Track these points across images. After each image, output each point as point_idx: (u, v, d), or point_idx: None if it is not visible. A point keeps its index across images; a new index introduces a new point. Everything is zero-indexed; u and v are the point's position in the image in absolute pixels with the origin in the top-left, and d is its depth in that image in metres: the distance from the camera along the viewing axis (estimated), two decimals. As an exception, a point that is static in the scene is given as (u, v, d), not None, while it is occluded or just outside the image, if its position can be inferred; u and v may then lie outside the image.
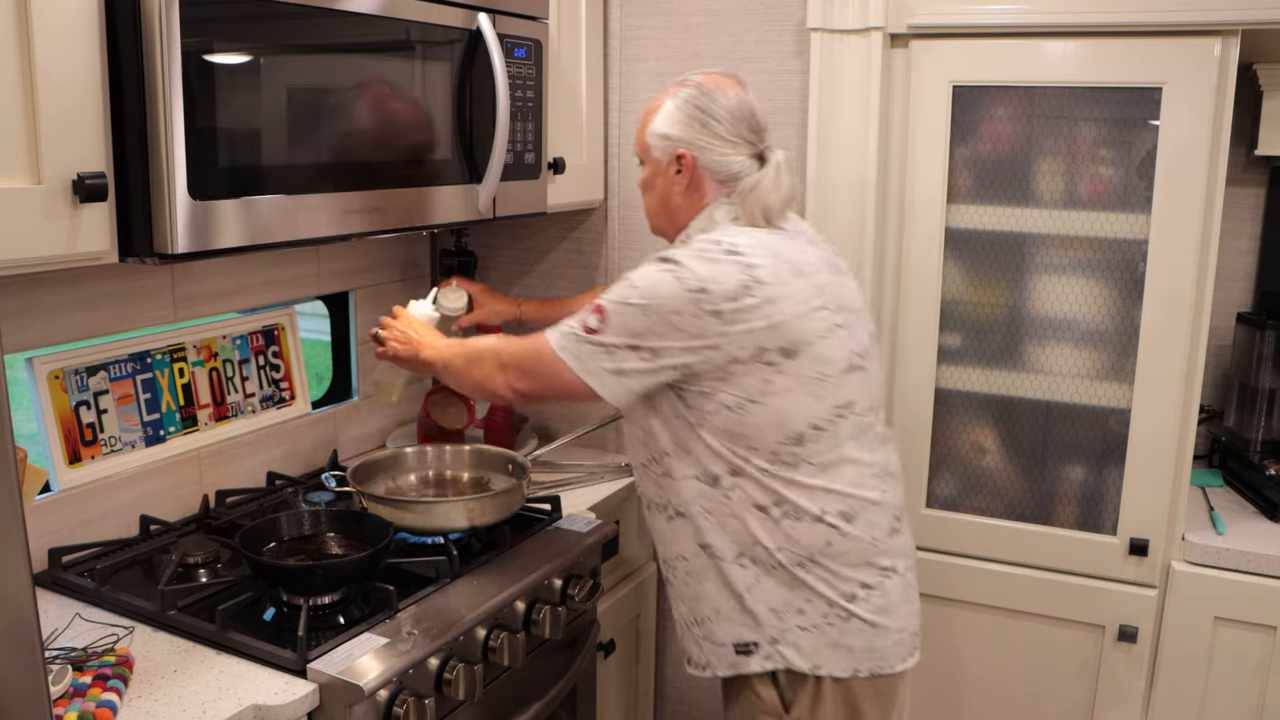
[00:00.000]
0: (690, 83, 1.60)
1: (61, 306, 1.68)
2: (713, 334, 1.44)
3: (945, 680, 2.18)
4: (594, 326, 1.48)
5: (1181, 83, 1.83)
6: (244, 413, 2.02)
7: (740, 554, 1.53)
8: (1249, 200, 2.26)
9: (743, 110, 1.58)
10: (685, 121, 1.58)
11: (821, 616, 1.52)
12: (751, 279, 1.45)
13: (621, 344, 1.47)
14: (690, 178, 1.59)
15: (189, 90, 1.31)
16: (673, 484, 1.57)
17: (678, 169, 1.59)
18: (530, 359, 1.55)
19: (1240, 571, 1.90)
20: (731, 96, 1.58)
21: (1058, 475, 2.05)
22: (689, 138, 1.58)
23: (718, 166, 1.58)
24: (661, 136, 1.60)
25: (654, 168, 1.63)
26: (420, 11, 1.68)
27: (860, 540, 1.52)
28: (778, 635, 1.53)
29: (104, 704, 1.25)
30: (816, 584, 1.51)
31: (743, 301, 1.44)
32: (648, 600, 2.34)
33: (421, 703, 1.41)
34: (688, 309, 1.44)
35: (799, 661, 1.53)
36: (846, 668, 1.53)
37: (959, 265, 2.06)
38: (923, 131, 2.02)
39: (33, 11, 1.20)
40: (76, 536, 1.72)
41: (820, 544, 1.51)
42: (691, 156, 1.58)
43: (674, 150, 1.59)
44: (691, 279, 1.44)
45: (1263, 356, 2.16)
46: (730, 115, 1.57)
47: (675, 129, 1.58)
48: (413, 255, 2.43)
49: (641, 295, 1.46)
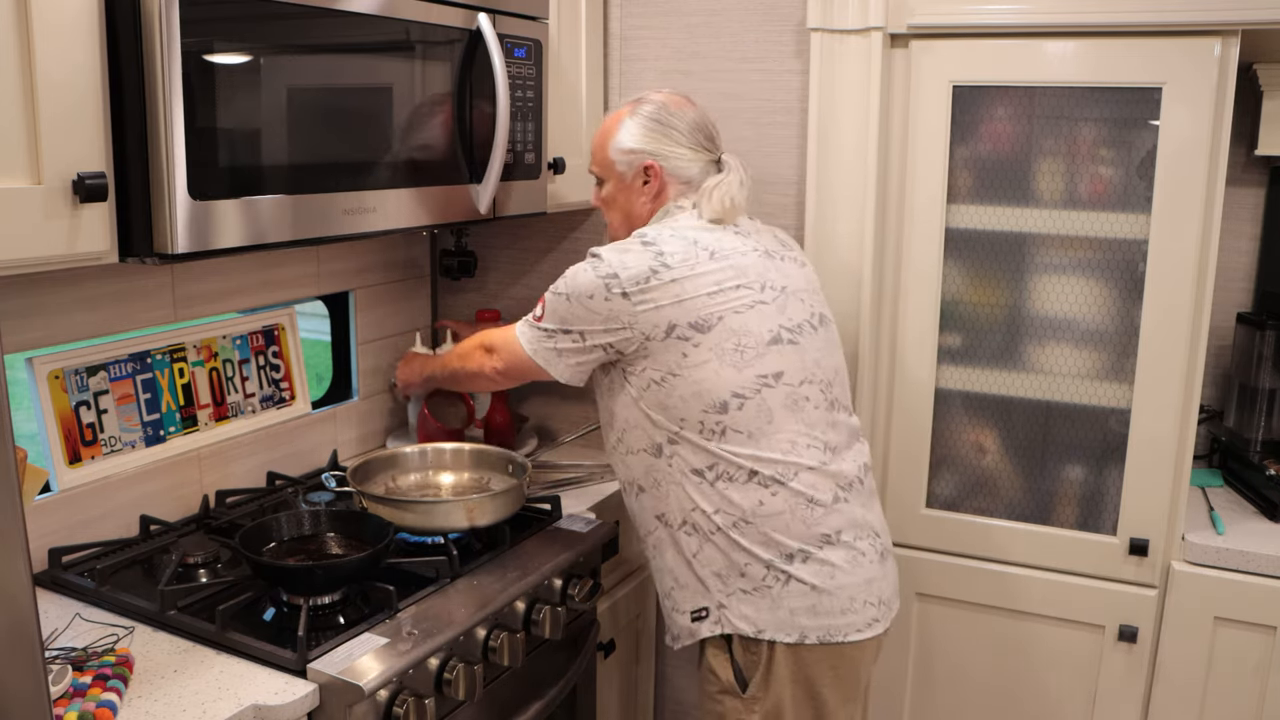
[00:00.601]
0: (647, 100, 1.73)
1: (61, 306, 1.68)
2: (624, 315, 1.58)
3: (945, 680, 2.18)
4: (538, 315, 1.66)
5: (1181, 83, 1.83)
6: (244, 413, 2.02)
7: (684, 521, 1.62)
8: (1249, 200, 2.26)
9: (699, 122, 1.73)
10: (649, 135, 1.71)
11: (760, 579, 1.58)
12: (659, 264, 1.58)
13: (556, 328, 1.63)
14: (658, 185, 1.72)
15: (189, 90, 1.31)
16: (632, 459, 1.67)
17: (645, 179, 1.72)
18: (502, 342, 1.73)
19: (1240, 571, 1.90)
20: (688, 111, 1.73)
21: (1058, 475, 2.05)
22: (654, 149, 1.71)
23: (680, 172, 1.71)
24: (627, 151, 1.71)
25: (617, 183, 1.74)
26: (420, 11, 1.68)
27: (794, 503, 1.58)
28: (723, 600, 1.60)
29: (104, 704, 1.25)
30: (752, 546, 1.58)
31: (649, 284, 1.57)
32: (648, 600, 2.34)
33: (421, 703, 1.41)
34: (600, 294, 1.58)
35: (744, 626, 1.59)
36: (792, 632, 1.58)
37: (959, 265, 2.06)
38: (923, 131, 2.02)
39: (33, 11, 1.20)
40: (76, 536, 1.72)
41: (753, 504, 1.57)
42: (659, 166, 1.70)
43: (641, 162, 1.71)
44: (604, 268, 1.58)
45: (1263, 356, 2.16)
46: (689, 126, 1.72)
47: (641, 142, 1.71)
48: (413, 255, 2.43)
49: (566, 286, 1.62)
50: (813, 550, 1.58)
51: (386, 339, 2.38)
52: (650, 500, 1.67)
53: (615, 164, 1.73)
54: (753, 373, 1.58)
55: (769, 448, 1.58)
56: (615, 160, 1.73)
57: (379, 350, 2.36)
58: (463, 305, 2.52)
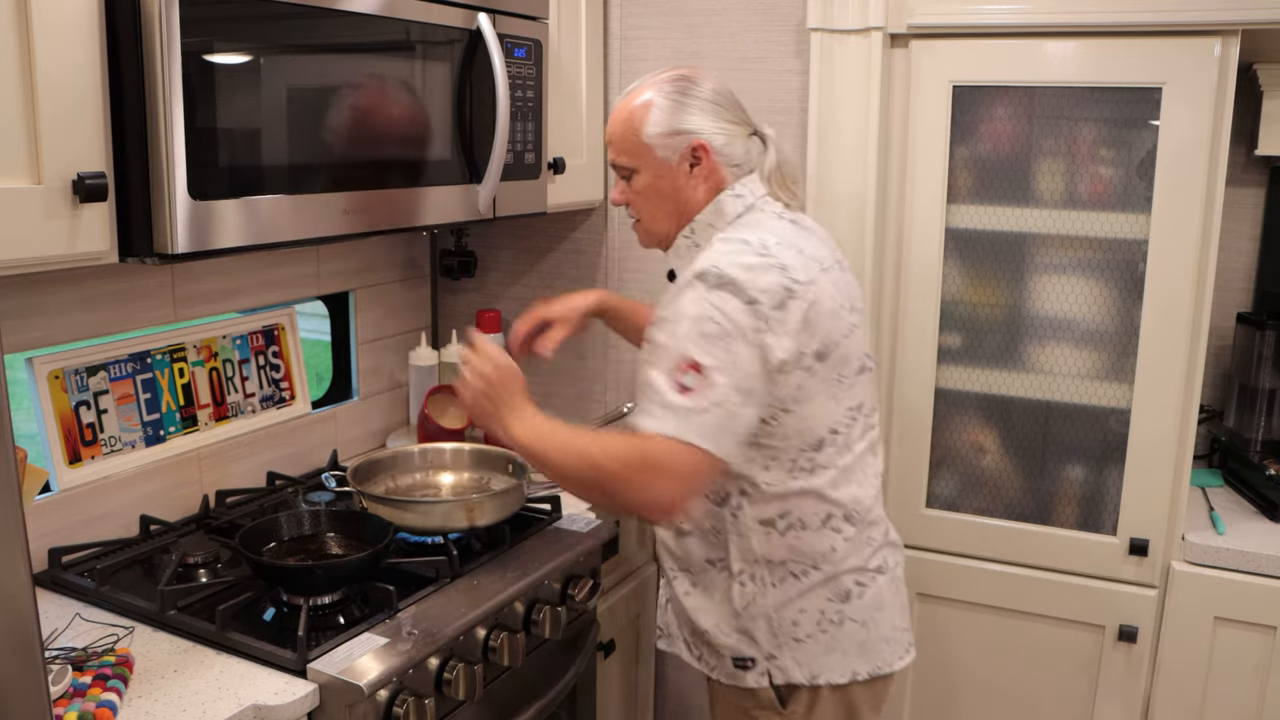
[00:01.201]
0: (671, 77, 1.53)
1: (61, 306, 1.68)
2: (769, 347, 1.36)
3: (945, 680, 2.18)
4: (687, 384, 1.33)
5: (1181, 83, 1.83)
6: (244, 413, 2.02)
7: (742, 570, 1.51)
8: (1249, 200, 2.26)
9: (729, 92, 1.55)
10: (689, 111, 1.50)
11: (815, 625, 1.51)
12: (788, 279, 1.39)
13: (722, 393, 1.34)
14: (709, 167, 1.51)
15: (189, 90, 1.31)
16: None
17: (693, 162, 1.51)
18: (665, 451, 1.33)
19: (1240, 571, 1.90)
20: (715, 80, 1.54)
21: (1058, 475, 2.05)
22: (698, 126, 1.50)
23: (729, 151, 1.52)
24: (669, 133, 1.50)
25: (658, 169, 1.53)
26: (420, 11, 1.68)
27: (859, 541, 1.52)
28: (773, 650, 1.52)
29: (104, 704, 1.25)
30: (814, 590, 1.50)
31: (785, 307, 1.37)
32: (648, 600, 2.34)
33: (421, 703, 1.41)
34: (749, 325, 1.35)
35: (796, 674, 1.51)
36: (845, 672, 1.52)
37: (959, 265, 2.06)
38: (923, 131, 2.02)
39: (33, 11, 1.20)
40: (76, 536, 1.72)
41: (825, 549, 1.49)
42: (709, 145, 1.50)
43: (689, 143, 1.50)
44: (743, 290, 1.36)
45: (1263, 356, 2.16)
46: (725, 99, 1.53)
47: (683, 121, 1.50)
48: (413, 255, 2.43)
49: (714, 325, 1.35)
50: (867, 584, 1.52)
51: (386, 339, 2.38)
52: (701, 545, 1.55)
53: (654, 149, 1.51)
54: (846, 405, 1.47)
55: (847, 484, 1.49)
56: (654, 145, 1.51)
57: (379, 350, 2.36)
58: (463, 305, 2.52)
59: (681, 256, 1.56)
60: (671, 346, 1.37)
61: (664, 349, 1.38)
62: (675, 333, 1.37)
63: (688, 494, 1.37)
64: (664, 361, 1.37)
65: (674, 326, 1.38)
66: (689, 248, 1.55)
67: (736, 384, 1.34)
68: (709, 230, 1.53)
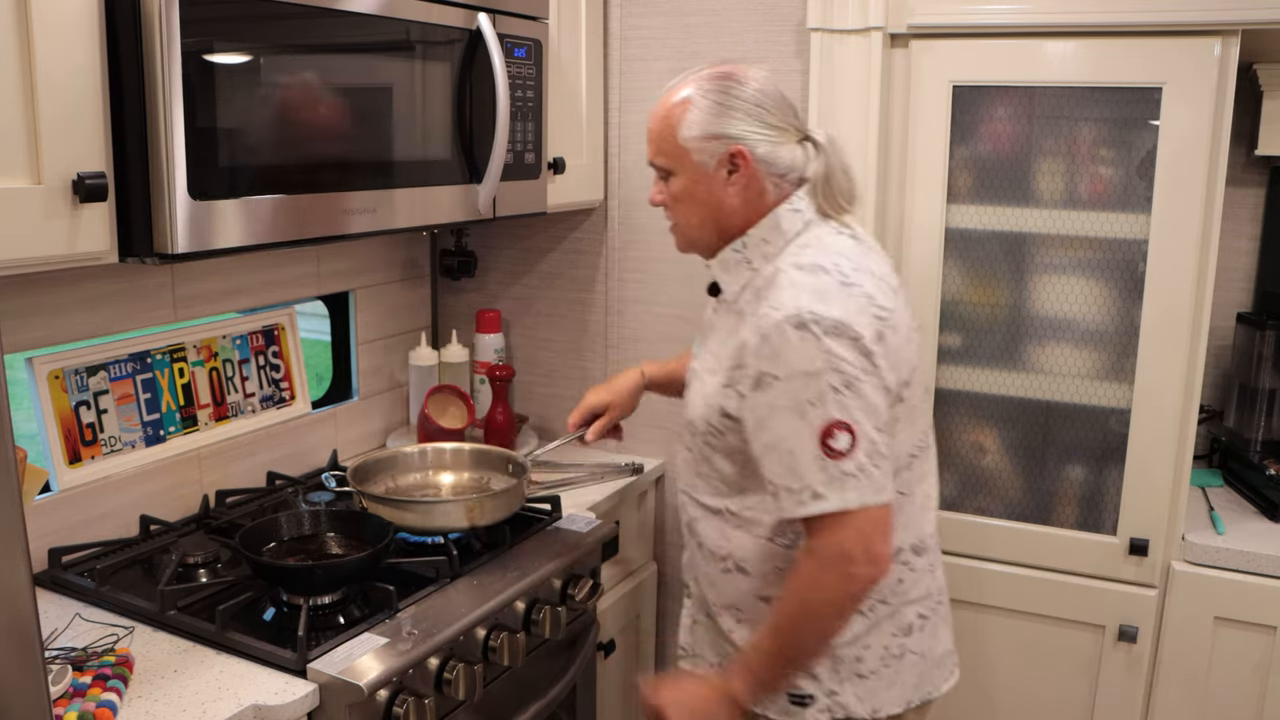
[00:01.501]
0: (714, 74, 1.43)
1: (61, 306, 1.68)
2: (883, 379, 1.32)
3: (945, 680, 2.18)
4: (840, 448, 1.28)
5: (1181, 83, 1.83)
6: (244, 413, 2.02)
7: None
8: (1249, 200, 2.26)
9: (778, 92, 1.44)
10: (731, 115, 1.40)
11: (879, 660, 1.46)
12: (879, 309, 1.34)
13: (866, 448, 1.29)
14: (747, 177, 1.42)
15: (189, 90, 1.31)
16: (743, 539, 1.46)
17: (730, 169, 1.42)
18: (858, 534, 1.30)
19: (1240, 571, 1.90)
20: (762, 79, 1.43)
21: (1058, 475, 2.05)
22: (741, 132, 1.40)
23: (774, 159, 1.42)
24: (708, 137, 1.41)
25: (694, 174, 1.43)
26: (420, 11, 1.68)
27: (922, 571, 1.50)
28: (834, 687, 1.45)
29: (104, 704, 1.25)
30: (879, 625, 1.45)
31: (882, 339, 1.33)
32: (648, 600, 2.34)
33: (421, 703, 1.41)
34: (865, 363, 1.30)
35: (857, 709, 1.46)
36: (901, 702, 1.49)
37: (959, 265, 2.06)
38: (923, 131, 2.02)
39: (33, 11, 1.20)
40: (76, 536, 1.72)
41: (892, 582, 1.45)
42: (748, 152, 1.41)
43: (727, 149, 1.40)
44: (845, 327, 1.29)
45: (1263, 356, 2.16)
46: (771, 100, 1.42)
47: (723, 125, 1.40)
48: (413, 255, 2.43)
49: (837, 378, 1.28)
50: (929, 615, 1.50)
51: (386, 339, 2.38)
52: (751, 583, 1.47)
53: (690, 153, 1.42)
54: (919, 428, 1.42)
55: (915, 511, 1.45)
56: (690, 149, 1.42)
57: (379, 350, 2.36)
58: (463, 305, 2.52)
59: (730, 272, 1.47)
60: (806, 412, 1.29)
61: (792, 414, 1.30)
62: (801, 395, 1.29)
63: (888, 544, 1.33)
64: (801, 431, 1.30)
65: (795, 387, 1.30)
66: (739, 263, 1.46)
67: (879, 425, 1.31)
68: (762, 246, 1.44)
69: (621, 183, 2.30)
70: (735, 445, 1.42)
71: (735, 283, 1.47)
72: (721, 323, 1.50)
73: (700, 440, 1.49)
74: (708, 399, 1.45)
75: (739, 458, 1.42)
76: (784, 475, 1.32)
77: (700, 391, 1.49)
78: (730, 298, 1.47)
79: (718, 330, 1.50)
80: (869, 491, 1.29)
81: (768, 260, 1.43)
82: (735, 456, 1.43)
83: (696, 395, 1.50)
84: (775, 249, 1.43)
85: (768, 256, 1.43)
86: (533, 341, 2.47)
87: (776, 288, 1.36)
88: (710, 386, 1.45)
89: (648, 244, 2.29)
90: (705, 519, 1.52)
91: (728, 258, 1.47)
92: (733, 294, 1.47)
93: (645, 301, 2.31)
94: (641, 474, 2.22)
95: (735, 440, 1.41)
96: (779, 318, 1.31)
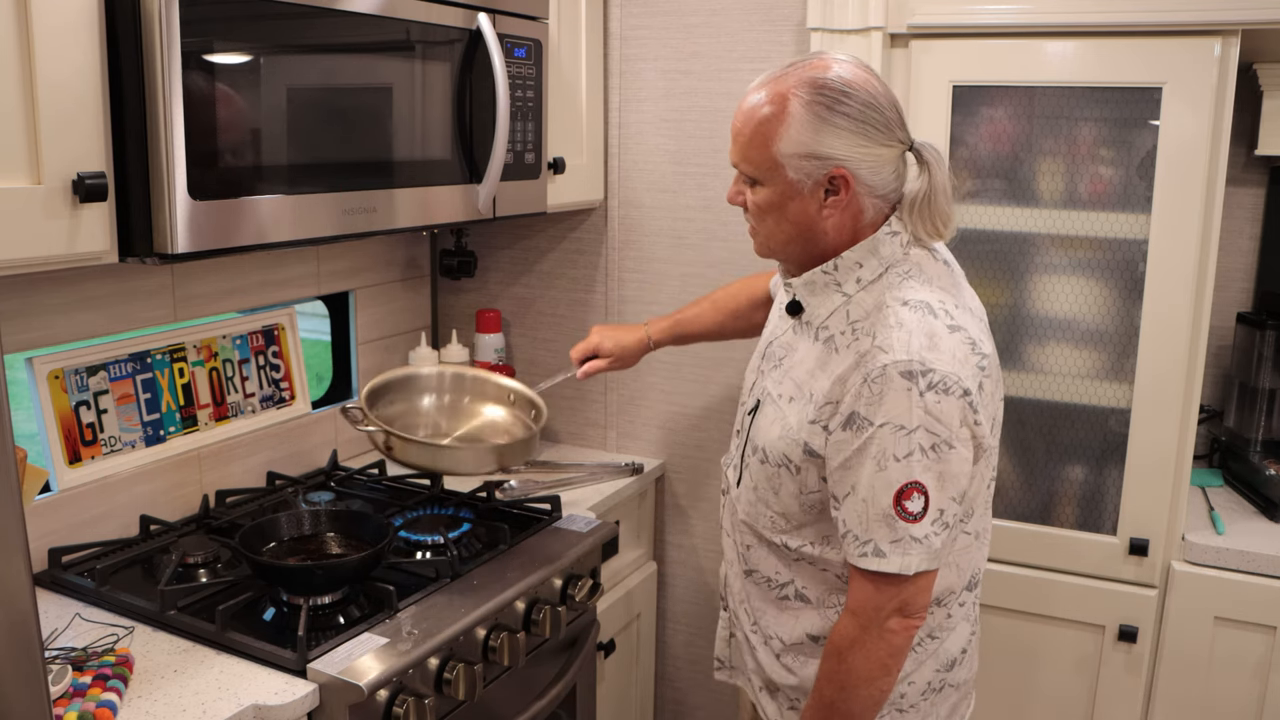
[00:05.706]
0: (817, 83, 1.28)
1: (61, 306, 1.68)
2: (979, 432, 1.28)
3: (945, 680, 2.18)
4: (915, 512, 1.25)
5: (1181, 83, 1.83)
6: (244, 413, 2.02)
7: None
8: (1249, 200, 2.26)
9: (887, 95, 1.31)
10: (836, 132, 1.27)
11: (920, 695, 1.43)
12: (979, 355, 1.29)
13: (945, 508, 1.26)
14: (847, 200, 1.31)
15: (189, 90, 1.31)
16: (809, 572, 1.41)
17: (828, 190, 1.30)
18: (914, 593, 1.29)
19: (1240, 571, 1.90)
20: (867, 81, 1.30)
21: (1058, 475, 2.05)
22: (846, 155, 1.28)
23: (876, 181, 1.31)
24: (807, 155, 1.28)
25: (786, 190, 1.31)
26: (420, 11, 1.68)
27: (970, 606, 1.48)
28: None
29: (104, 704, 1.25)
30: (925, 662, 1.43)
31: (982, 387, 1.28)
32: (648, 600, 2.34)
33: (421, 703, 1.41)
34: (968, 417, 1.25)
35: None
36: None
37: (959, 265, 2.06)
38: (923, 131, 2.01)
39: (33, 11, 1.20)
40: (76, 536, 1.72)
41: (941, 618, 1.43)
42: (851, 176, 1.29)
43: (826, 171, 1.28)
44: (954, 381, 1.24)
45: (1263, 356, 2.16)
46: (879, 111, 1.29)
47: (826, 145, 1.27)
48: (413, 255, 2.43)
49: (928, 435, 1.23)
50: (970, 650, 1.48)
51: (386, 339, 2.38)
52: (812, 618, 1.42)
53: (784, 168, 1.29)
54: (990, 468, 1.37)
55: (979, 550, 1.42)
56: (785, 164, 1.29)
57: (379, 350, 2.36)
58: (463, 305, 2.52)
59: (817, 295, 1.38)
60: (889, 467, 1.25)
61: (875, 463, 1.25)
62: (889, 447, 1.24)
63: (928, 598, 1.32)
64: (879, 484, 1.26)
65: (885, 436, 1.25)
66: (828, 285, 1.37)
67: (954, 494, 1.27)
68: (855, 270, 1.34)
69: (621, 183, 2.30)
70: (809, 483, 1.36)
71: (822, 307, 1.37)
72: (803, 346, 1.40)
73: (770, 468, 1.40)
74: (789, 431, 1.37)
75: (813, 497, 1.36)
76: (854, 521, 1.29)
77: (780, 420, 1.39)
78: (814, 320, 1.38)
79: (798, 354, 1.41)
80: (926, 559, 1.27)
81: (860, 286, 1.34)
82: (808, 495, 1.37)
83: (773, 423, 1.40)
84: (870, 274, 1.34)
85: (861, 282, 1.34)
86: (533, 341, 2.47)
87: (884, 326, 1.28)
88: (794, 419, 1.36)
89: (648, 244, 2.29)
90: (763, 547, 1.46)
91: (815, 280, 1.37)
92: (818, 318, 1.37)
93: (645, 301, 2.31)
94: (641, 474, 2.22)
95: (811, 477, 1.35)
96: (886, 361, 1.25)
